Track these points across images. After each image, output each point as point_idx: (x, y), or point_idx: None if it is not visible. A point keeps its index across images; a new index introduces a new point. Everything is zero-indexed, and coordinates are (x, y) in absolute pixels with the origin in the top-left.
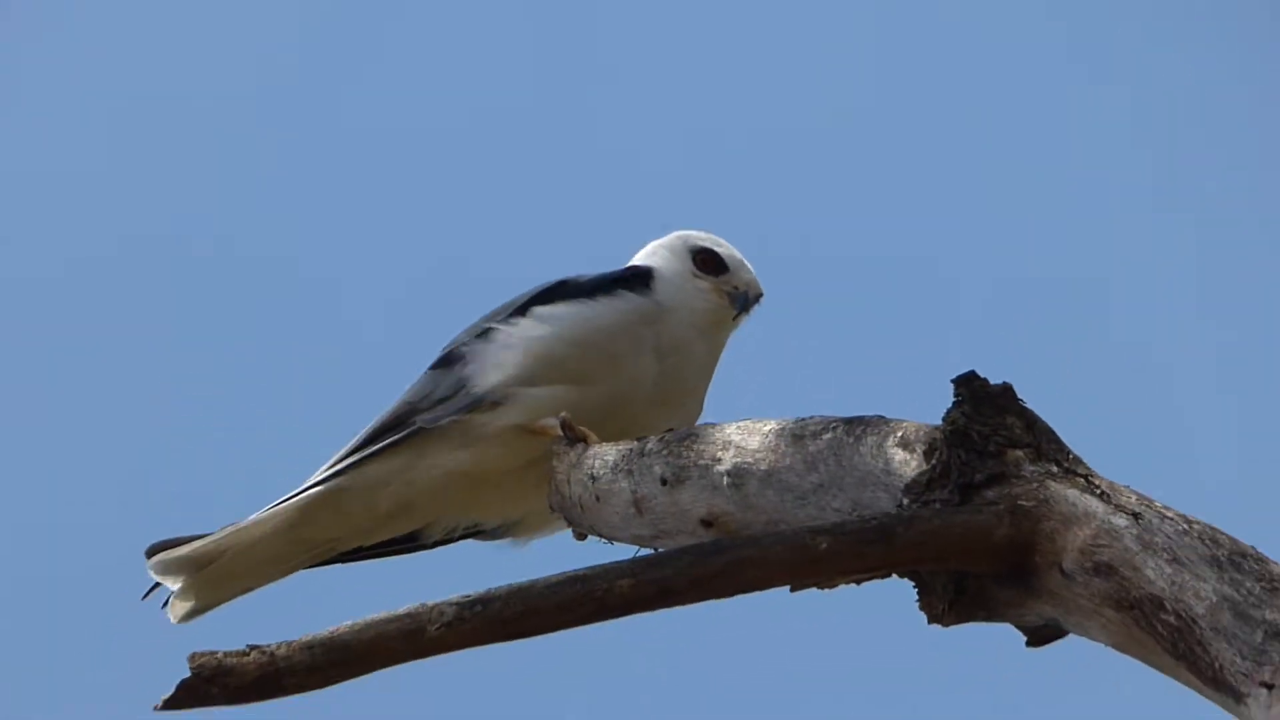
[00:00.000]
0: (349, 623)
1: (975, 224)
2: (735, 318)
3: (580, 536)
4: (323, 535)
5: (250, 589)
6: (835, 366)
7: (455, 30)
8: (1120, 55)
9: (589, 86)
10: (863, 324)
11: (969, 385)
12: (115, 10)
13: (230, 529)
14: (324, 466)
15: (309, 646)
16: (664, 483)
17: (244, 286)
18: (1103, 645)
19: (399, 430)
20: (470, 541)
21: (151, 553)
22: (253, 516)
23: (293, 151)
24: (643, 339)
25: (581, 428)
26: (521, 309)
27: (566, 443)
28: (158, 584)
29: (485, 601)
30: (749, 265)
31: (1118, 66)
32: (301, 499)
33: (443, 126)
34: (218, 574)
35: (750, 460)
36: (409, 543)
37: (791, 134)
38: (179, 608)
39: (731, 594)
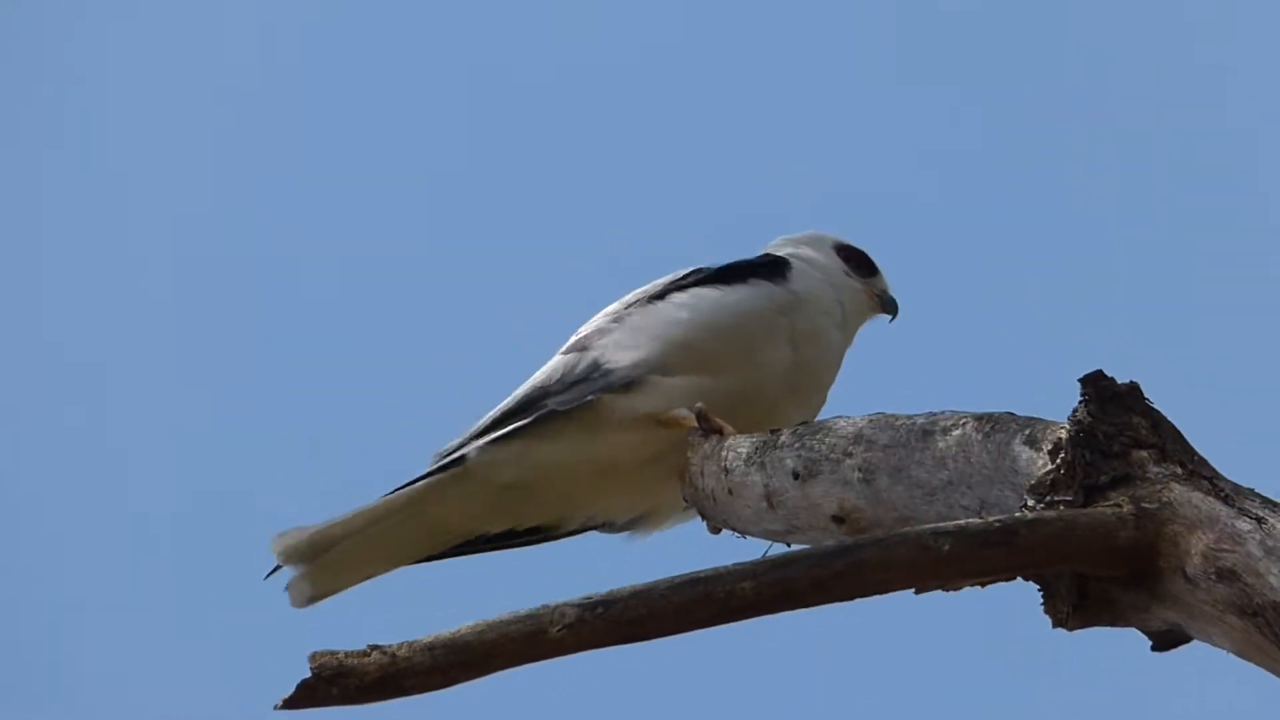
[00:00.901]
0: (470, 624)
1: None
2: (891, 321)
3: (715, 530)
4: (447, 521)
5: (372, 575)
6: (970, 357)
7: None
8: None
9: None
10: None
11: (1095, 384)
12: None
13: (353, 512)
14: (449, 447)
15: (430, 648)
16: (796, 476)
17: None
18: (1226, 651)
19: (529, 413)
20: (586, 541)
21: (276, 535)
22: (376, 500)
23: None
24: (778, 328)
25: (717, 419)
26: (659, 295)
27: (701, 434)
28: (279, 567)
29: (607, 603)
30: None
31: None
32: (427, 482)
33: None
34: (340, 558)
35: (881, 455)
36: (534, 535)
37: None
38: (300, 592)
39: (854, 596)
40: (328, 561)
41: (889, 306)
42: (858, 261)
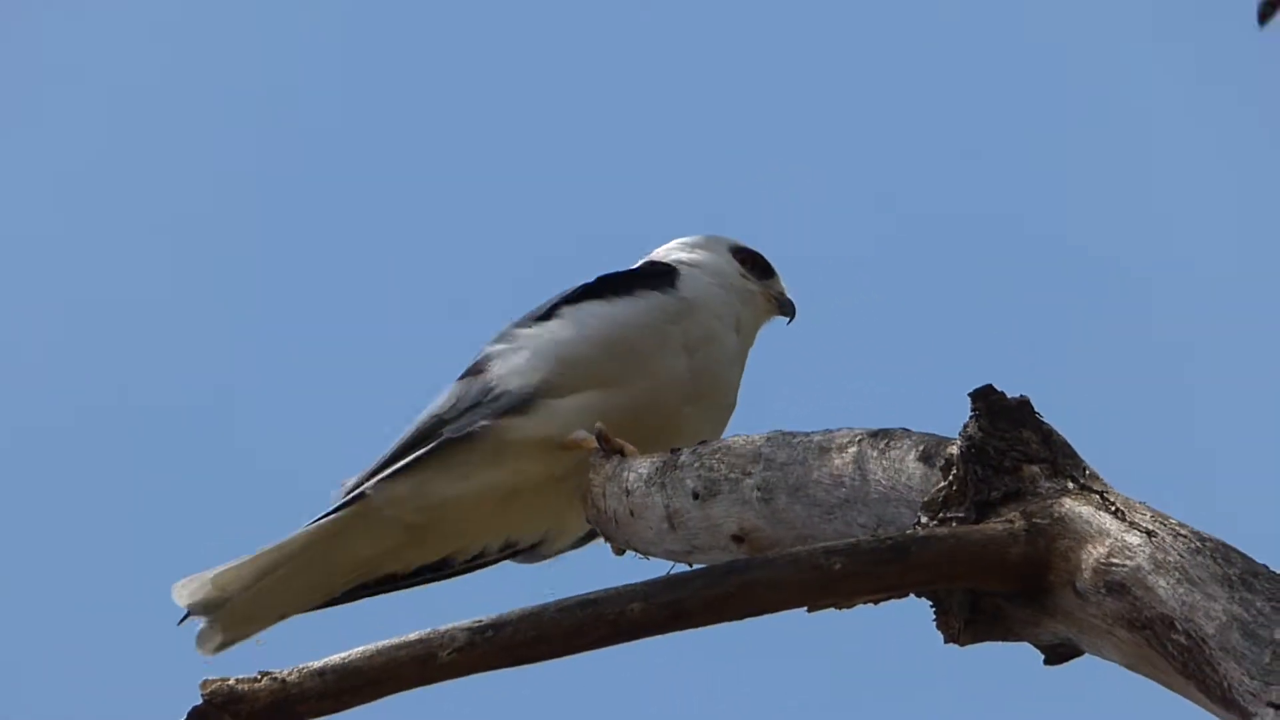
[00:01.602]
0: (360, 648)
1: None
2: (789, 323)
3: (618, 552)
4: (352, 559)
5: (282, 618)
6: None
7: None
8: None
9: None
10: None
11: (986, 399)
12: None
13: (256, 554)
14: (349, 485)
15: (320, 672)
16: (696, 496)
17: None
18: (1116, 664)
19: (427, 443)
20: (489, 570)
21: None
22: (279, 541)
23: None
24: (669, 336)
25: (618, 440)
26: (548, 313)
27: (603, 455)
28: (188, 615)
29: (497, 626)
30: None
31: None
32: (328, 520)
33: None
34: (247, 604)
35: (779, 474)
36: (441, 569)
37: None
38: (210, 640)
39: (746, 616)
40: (235, 608)
41: (786, 308)
42: (753, 263)
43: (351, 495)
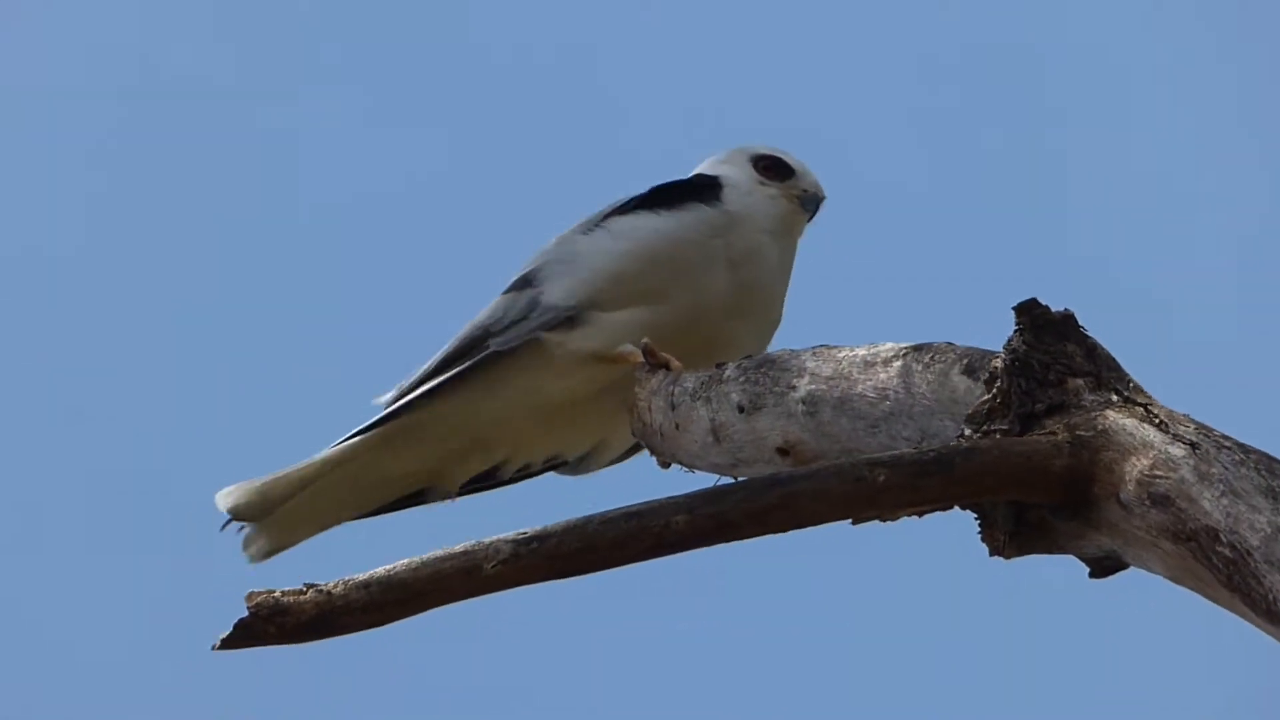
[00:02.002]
0: (405, 561)
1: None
2: (809, 219)
3: (664, 465)
4: (398, 470)
5: (326, 527)
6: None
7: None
8: None
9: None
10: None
11: (1030, 313)
12: None
13: (301, 465)
14: (394, 396)
15: (365, 585)
16: (741, 410)
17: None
18: (1161, 577)
19: (472, 356)
20: (533, 482)
21: (224, 490)
22: (325, 451)
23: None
24: (714, 250)
25: (664, 354)
26: (595, 224)
27: (648, 369)
28: (230, 521)
29: (541, 538)
30: (810, 168)
31: None
32: (373, 434)
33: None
34: (293, 512)
35: (824, 387)
36: (488, 479)
37: None
38: (256, 546)
39: (790, 528)
40: (281, 515)
41: (806, 204)
42: (768, 166)
43: (395, 409)
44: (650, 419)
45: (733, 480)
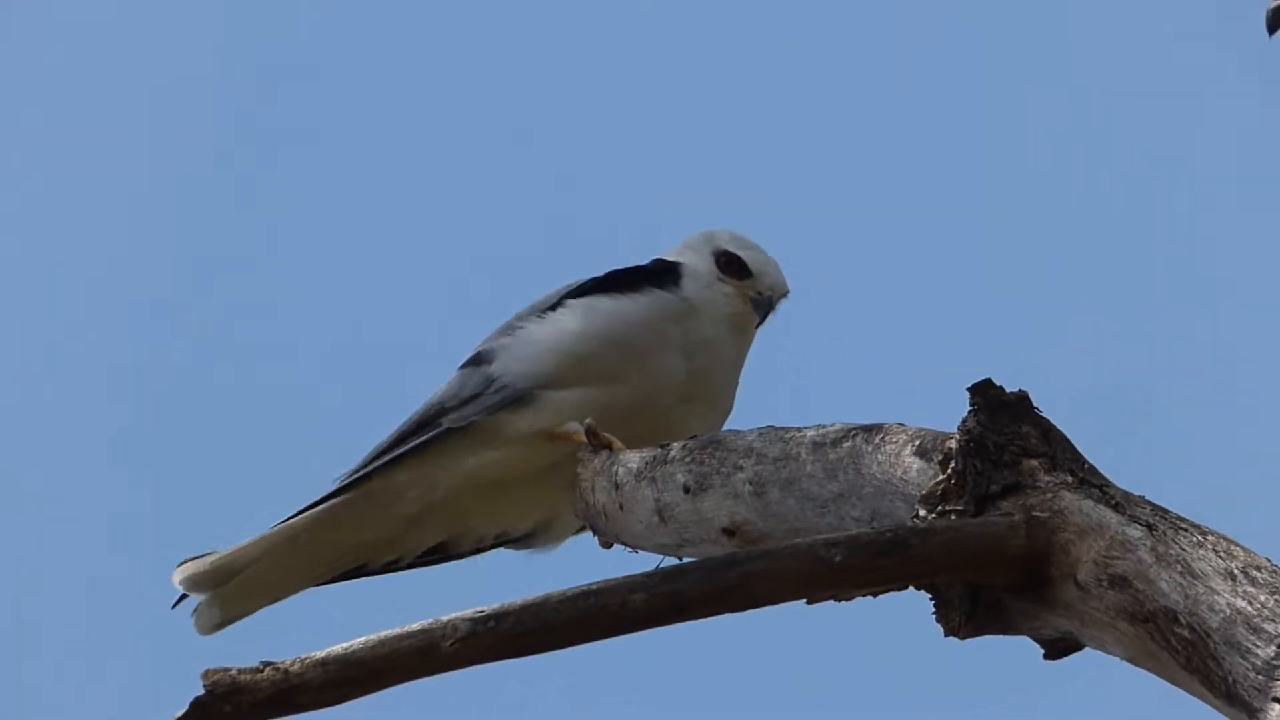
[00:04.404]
0: (363, 639)
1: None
2: (758, 324)
3: (606, 545)
4: (350, 542)
5: (278, 598)
6: (860, 370)
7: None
8: None
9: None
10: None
11: (984, 393)
12: None
13: (256, 539)
14: (350, 470)
15: (323, 663)
16: (686, 490)
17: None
18: (1118, 658)
19: (427, 431)
20: (489, 556)
21: (180, 565)
22: (279, 525)
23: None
24: (670, 336)
25: (606, 435)
26: (553, 306)
27: (591, 449)
28: (185, 596)
29: (499, 617)
30: (774, 265)
31: None
32: (328, 505)
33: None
34: (245, 584)
35: (771, 468)
36: (438, 554)
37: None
38: (206, 619)
39: (746, 608)
40: (233, 588)
41: (759, 307)
42: (727, 263)
43: (351, 480)
44: (594, 499)
45: (678, 560)
